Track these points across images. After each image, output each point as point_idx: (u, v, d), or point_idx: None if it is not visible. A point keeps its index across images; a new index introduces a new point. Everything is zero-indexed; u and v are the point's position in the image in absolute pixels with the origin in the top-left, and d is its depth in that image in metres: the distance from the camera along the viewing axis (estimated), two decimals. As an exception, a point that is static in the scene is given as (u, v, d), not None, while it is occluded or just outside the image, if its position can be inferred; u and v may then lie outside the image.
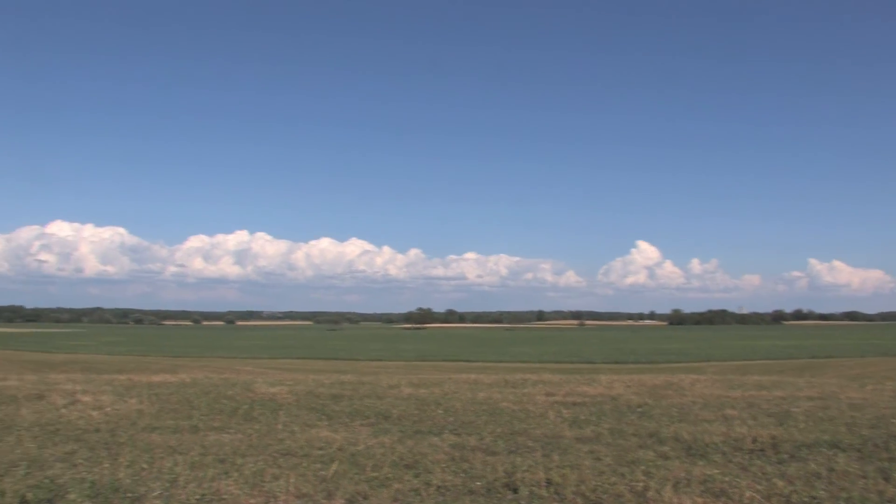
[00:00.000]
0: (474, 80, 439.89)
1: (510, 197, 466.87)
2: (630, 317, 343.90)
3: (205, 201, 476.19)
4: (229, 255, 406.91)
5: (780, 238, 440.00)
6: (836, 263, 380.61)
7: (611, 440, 8.33)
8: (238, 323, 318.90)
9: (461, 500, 5.86)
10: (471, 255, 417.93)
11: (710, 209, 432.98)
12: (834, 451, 7.58)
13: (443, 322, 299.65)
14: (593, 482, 6.21)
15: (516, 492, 6.04)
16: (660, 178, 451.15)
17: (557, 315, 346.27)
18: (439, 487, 6.16)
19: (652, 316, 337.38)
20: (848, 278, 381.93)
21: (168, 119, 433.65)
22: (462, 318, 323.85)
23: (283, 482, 6.22)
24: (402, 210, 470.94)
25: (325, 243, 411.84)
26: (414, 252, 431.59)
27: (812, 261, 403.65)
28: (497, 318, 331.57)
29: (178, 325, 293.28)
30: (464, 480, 6.37)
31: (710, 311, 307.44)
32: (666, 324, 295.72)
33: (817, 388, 14.01)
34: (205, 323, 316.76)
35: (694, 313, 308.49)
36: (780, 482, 6.24)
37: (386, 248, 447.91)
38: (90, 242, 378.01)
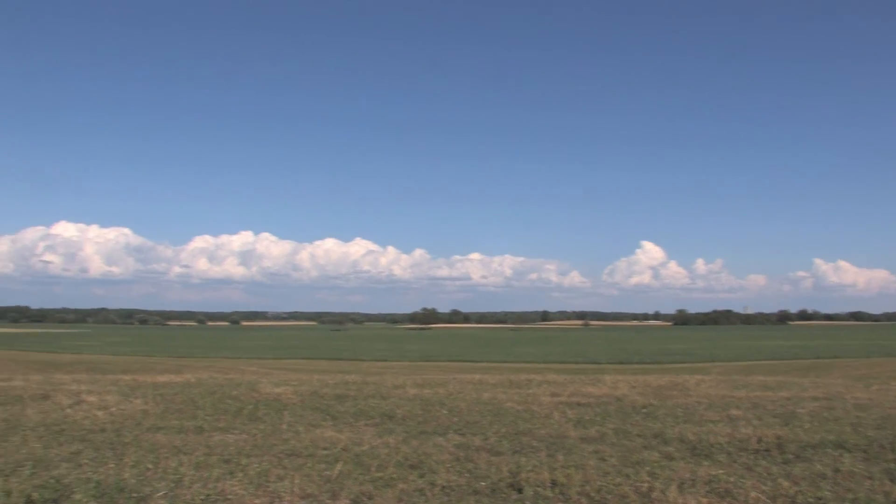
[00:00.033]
0: (476, 80, 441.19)
1: (515, 197, 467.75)
2: (635, 317, 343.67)
3: (209, 202, 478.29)
4: (234, 256, 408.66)
5: (785, 238, 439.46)
6: (842, 263, 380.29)
7: (615, 440, 8.32)
8: (243, 323, 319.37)
9: (466, 501, 5.85)
10: (475, 256, 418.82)
11: (714, 209, 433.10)
12: (839, 451, 7.55)
13: (447, 322, 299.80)
14: (598, 482, 6.20)
15: (521, 492, 6.03)
16: (665, 178, 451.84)
17: (562, 315, 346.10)
18: (444, 487, 6.16)
19: (657, 316, 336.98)
20: (853, 278, 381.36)
21: (172, 119, 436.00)
22: (466, 318, 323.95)
23: (288, 482, 6.23)
24: (406, 210, 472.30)
25: (330, 244, 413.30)
26: (419, 252, 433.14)
27: (817, 261, 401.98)
28: (502, 318, 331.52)
29: (183, 325, 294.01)
30: (468, 481, 6.37)
31: (714, 312, 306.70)
32: (671, 324, 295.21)
33: (822, 388, 13.96)
34: (209, 323, 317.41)
35: (699, 313, 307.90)
36: (785, 483, 6.22)
37: (391, 248, 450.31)
38: (95, 243, 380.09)
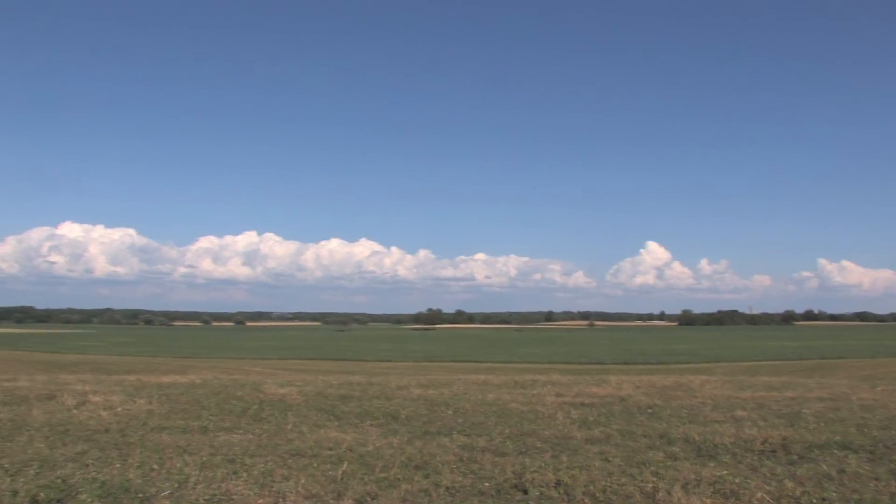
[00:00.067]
0: (478, 80, 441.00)
1: (520, 198, 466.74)
2: (639, 317, 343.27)
3: (214, 202, 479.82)
4: (238, 256, 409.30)
5: (789, 238, 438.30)
6: (847, 264, 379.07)
7: (620, 441, 8.30)
8: (247, 324, 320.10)
9: (470, 501, 5.85)
10: (480, 256, 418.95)
11: (719, 209, 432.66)
12: (845, 452, 7.52)
13: (452, 323, 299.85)
14: (603, 483, 6.19)
15: (525, 493, 6.02)
16: (670, 178, 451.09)
17: (566, 316, 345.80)
18: (448, 488, 6.15)
19: (661, 316, 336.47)
20: (858, 278, 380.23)
21: (177, 120, 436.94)
22: (471, 318, 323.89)
23: (293, 482, 6.23)
24: (411, 211, 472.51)
25: (334, 244, 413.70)
26: (423, 253, 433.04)
27: (822, 261, 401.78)
28: (506, 318, 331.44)
29: (188, 325, 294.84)
30: (473, 481, 6.36)
31: (719, 312, 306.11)
32: (675, 324, 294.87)
33: (828, 388, 13.91)
34: (214, 324, 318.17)
35: (703, 314, 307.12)
36: (790, 483, 6.20)
37: (395, 248, 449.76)
38: (100, 243, 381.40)
